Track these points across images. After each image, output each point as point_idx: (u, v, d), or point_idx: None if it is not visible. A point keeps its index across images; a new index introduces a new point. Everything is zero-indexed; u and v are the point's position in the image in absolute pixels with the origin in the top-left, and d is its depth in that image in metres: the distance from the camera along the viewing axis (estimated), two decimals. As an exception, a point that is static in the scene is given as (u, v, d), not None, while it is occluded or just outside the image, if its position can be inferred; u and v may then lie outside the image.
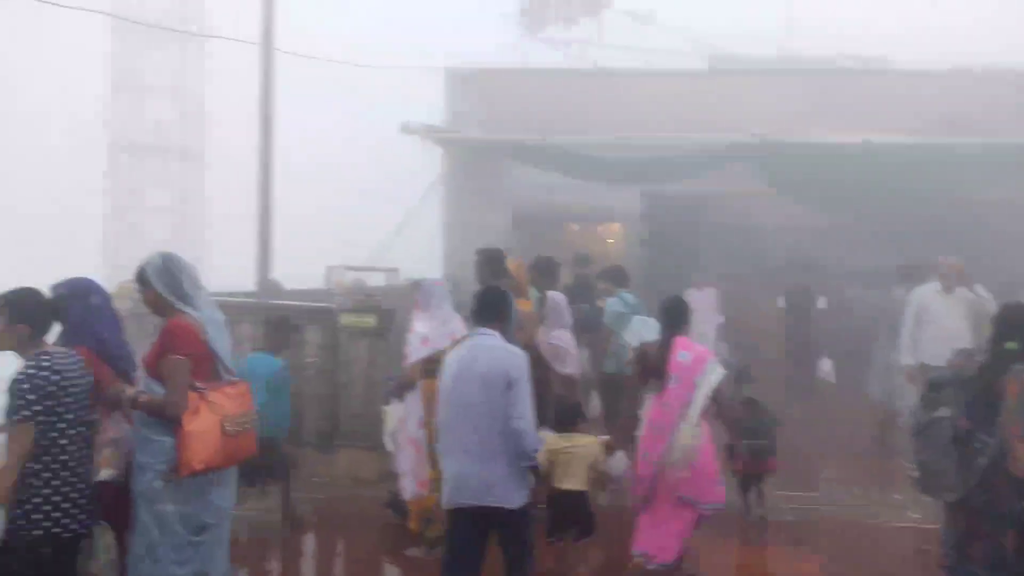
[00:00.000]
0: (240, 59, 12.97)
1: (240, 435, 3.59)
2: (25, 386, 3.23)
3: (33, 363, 3.28)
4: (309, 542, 5.93)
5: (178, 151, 24.69)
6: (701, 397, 4.77)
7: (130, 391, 3.59)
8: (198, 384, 3.55)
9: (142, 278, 3.69)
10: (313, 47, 13.36)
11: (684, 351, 4.87)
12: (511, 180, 13.56)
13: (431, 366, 5.28)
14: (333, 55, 14.92)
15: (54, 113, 28.58)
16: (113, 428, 3.66)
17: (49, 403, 3.25)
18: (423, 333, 5.34)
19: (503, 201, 13.44)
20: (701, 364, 4.85)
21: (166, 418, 3.50)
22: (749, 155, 11.43)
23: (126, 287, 6.60)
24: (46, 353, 3.34)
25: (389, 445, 5.43)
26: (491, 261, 5.95)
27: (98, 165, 24.15)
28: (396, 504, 5.61)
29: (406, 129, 13.00)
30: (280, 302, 8.50)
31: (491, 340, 4.02)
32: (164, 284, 3.64)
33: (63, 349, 3.46)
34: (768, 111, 11.92)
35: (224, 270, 13.14)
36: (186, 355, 3.53)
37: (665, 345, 4.92)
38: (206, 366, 3.63)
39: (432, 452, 5.23)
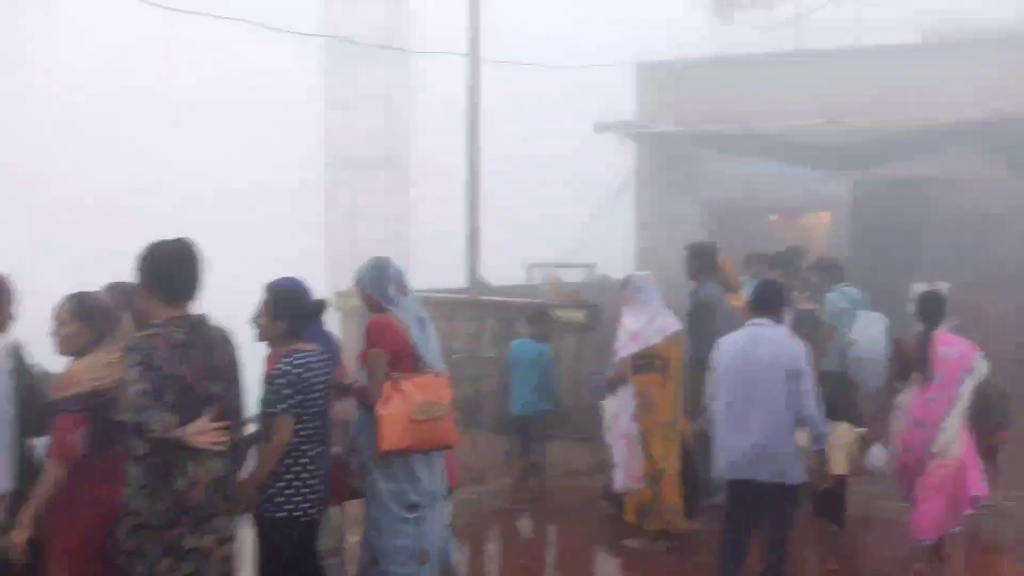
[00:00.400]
0: (443, 69, 13.70)
1: (429, 422, 3.86)
2: (281, 380, 3.57)
3: (288, 359, 3.63)
4: (528, 528, 6.18)
5: (386, 160, 26.48)
6: (968, 391, 4.69)
7: (346, 379, 4.01)
8: (394, 374, 3.88)
9: (357, 281, 4.13)
10: (511, 52, 13.80)
11: (948, 346, 4.79)
12: (706, 173, 13.29)
13: (641, 362, 5.36)
14: (530, 58, 15.34)
15: (277, 131, 31.63)
16: (342, 411, 4.05)
17: (299, 397, 3.59)
18: (632, 329, 5.38)
19: (697, 195, 13.21)
20: (967, 358, 4.76)
21: (366, 404, 3.88)
22: (979, 134, 10.40)
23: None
24: (298, 350, 3.68)
25: (609, 438, 5.55)
26: (701, 256, 5.91)
27: (317, 177, 26.48)
28: (611, 495, 5.72)
29: (599, 127, 13.13)
30: (495, 298, 8.89)
31: (770, 330, 4.36)
32: (373, 286, 4.04)
33: (313, 346, 3.81)
34: (998, 84, 10.78)
35: (430, 269, 13.93)
36: (386, 349, 3.90)
37: (924, 339, 4.77)
38: (406, 359, 3.95)
39: (645, 447, 5.32)
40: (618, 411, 5.40)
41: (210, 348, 3.26)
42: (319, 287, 4.37)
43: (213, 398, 3.21)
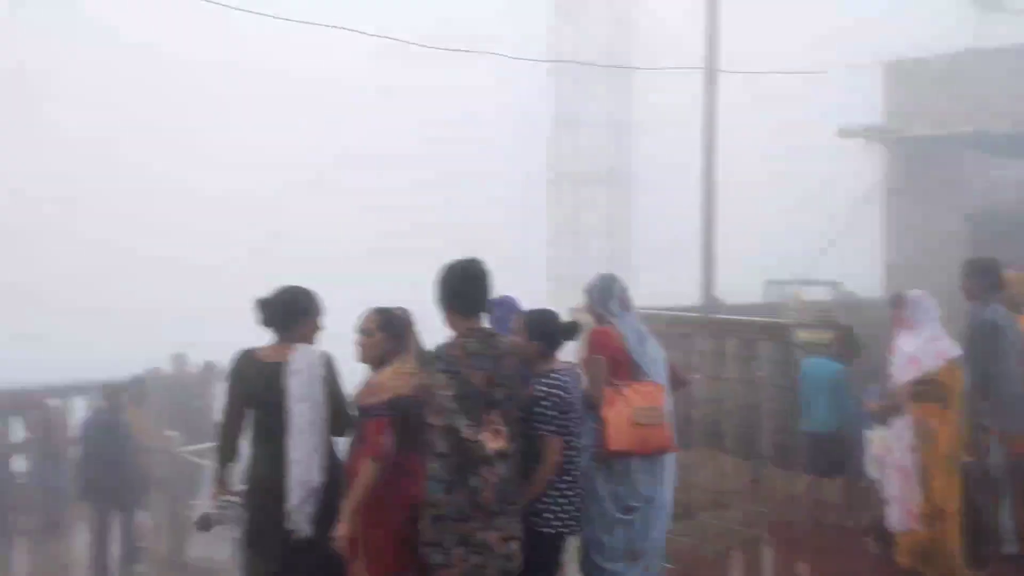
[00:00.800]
0: (670, 83, 13.53)
1: (648, 427, 4.05)
2: (546, 403, 3.66)
3: (547, 380, 3.70)
4: (776, 560, 5.83)
5: (609, 175, 26.71)
6: None
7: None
8: (615, 381, 4.08)
9: (585, 295, 4.42)
10: (745, 60, 13.31)
11: None
12: (967, 179, 12.00)
13: (918, 388, 4.87)
14: (763, 65, 14.73)
15: (506, 149, 33.04)
16: None
17: (562, 417, 3.67)
18: (910, 352, 4.90)
19: (956, 203, 11.93)
20: None
21: (588, 407, 4.01)
22: None
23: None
24: (556, 371, 3.76)
25: (872, 471, 5.11)
26: (986, 272, 5.27)
27: (540, 193, 27.33)
28: (880, 532, 5.24)
29: (845, 133, 12.31)
30: (737, 317, 8.57)
31: None
32: (598, 299, 4.32)
33: (568, 365, 3.88)
34: None
35: (651, 283, 13.74)
36: (604, 355, 4.12)
37: None
38: (625, 367, 4.17)
39: (924, 482, 4.82)
40: (892, 442, 4.94)
41: (499, 358, 3.45)
42: (542, 301, 4.56)
43: (496, 404, 3.39)
